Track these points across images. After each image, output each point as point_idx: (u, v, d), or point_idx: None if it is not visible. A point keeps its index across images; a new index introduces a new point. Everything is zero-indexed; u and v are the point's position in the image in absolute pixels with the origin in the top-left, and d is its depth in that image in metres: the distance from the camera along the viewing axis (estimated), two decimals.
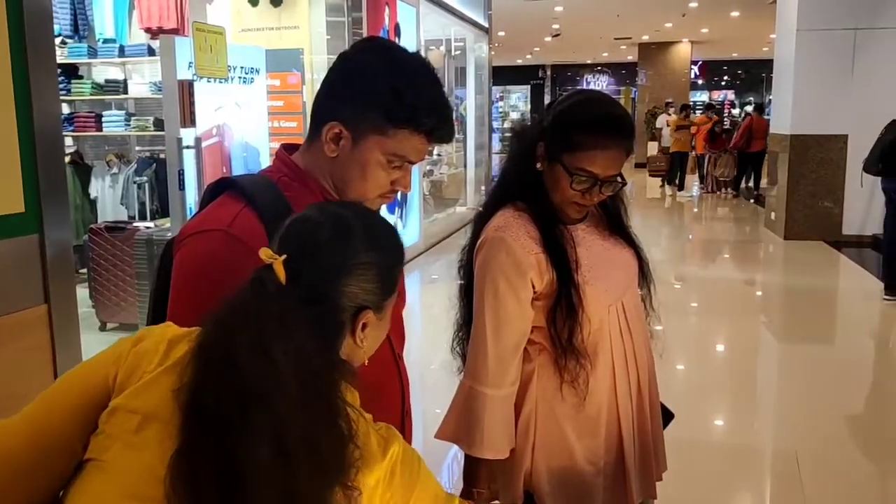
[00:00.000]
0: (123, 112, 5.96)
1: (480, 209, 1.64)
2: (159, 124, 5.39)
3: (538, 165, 1.53)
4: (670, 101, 15.40)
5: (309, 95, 6.02)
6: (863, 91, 8.21)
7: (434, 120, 1.18)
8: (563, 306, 1.50)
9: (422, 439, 2.34)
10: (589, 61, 27.73)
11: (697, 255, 9.18)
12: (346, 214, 0.98)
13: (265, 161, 5.18)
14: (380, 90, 1.16)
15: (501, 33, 15.99)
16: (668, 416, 1.78)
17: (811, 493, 3.05)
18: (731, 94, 29.95)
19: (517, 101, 26.03)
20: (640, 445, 1.61)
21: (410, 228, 7.72)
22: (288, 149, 1.28)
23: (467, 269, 1.61)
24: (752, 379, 4.86)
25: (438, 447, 3.04)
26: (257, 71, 5.30)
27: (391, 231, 1.04)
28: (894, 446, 3.68)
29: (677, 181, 13.63)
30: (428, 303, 6.12)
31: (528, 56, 24.82)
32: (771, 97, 10.56)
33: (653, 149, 16.03)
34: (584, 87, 27.41)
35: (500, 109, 24.08)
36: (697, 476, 3.20)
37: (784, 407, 4.31)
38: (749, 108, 22.33)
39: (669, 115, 14.85)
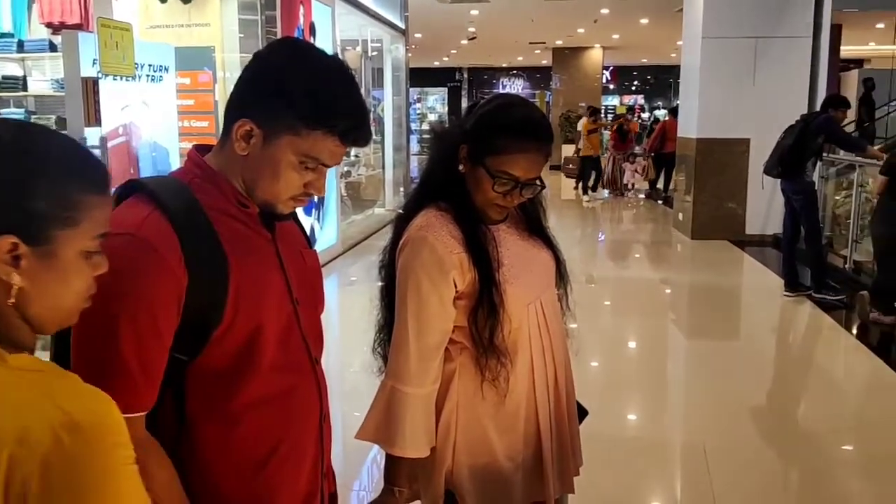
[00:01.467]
0: (23, 110, 5.66)
1: (402, 210, 1.64)
2: (62, 123, 5.15)
3: (460, 167, 1.54)
4: (590, 105, 15.70)
5: (221, 94, 5.88)
6: (763, 96, 8.61)
7: (349, 122, 1.16)
8: (484, 305, 1.52)
9: (342, 442, 2.33)
10: (505, 65, 28.10)
11: (609, 255, 9.43)
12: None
13: (175, 161, 5.03)
14: (294, 90, 1.13)
15: (418, 35, 16.02)
16: (582, 412, 1.82)
17: (718, 483, 3.17)
18: (640, 99, 30.95)
19: (435, 103, 26.11)
20: (558, 441, 1.64)
21: (328, 230, 7.64)
22: (200, 149, 1.24)
23: (388, 270, 1.61)
24: (662, 374, 5.02)
25: (359, 449, 3.03)
26: (166, 69, 5.14)
27: (57, 142, 0.91)
28: (796, 436, 3.87)
29: (590, 185, 13.89)
30: (347, 306, 6.06)
31: (446, 58, 24.96)
32: (678, 102, 10.95)
33: (568, 151, 16.36)
34: (501, 89, 27.81)
35: (418, 111, 24.10)
36: (612, 470, 3.28)
37: (692, 401, 4.47)
38: (658, 113, 23.10)
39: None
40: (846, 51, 14.18)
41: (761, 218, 8.78)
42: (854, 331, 5.53)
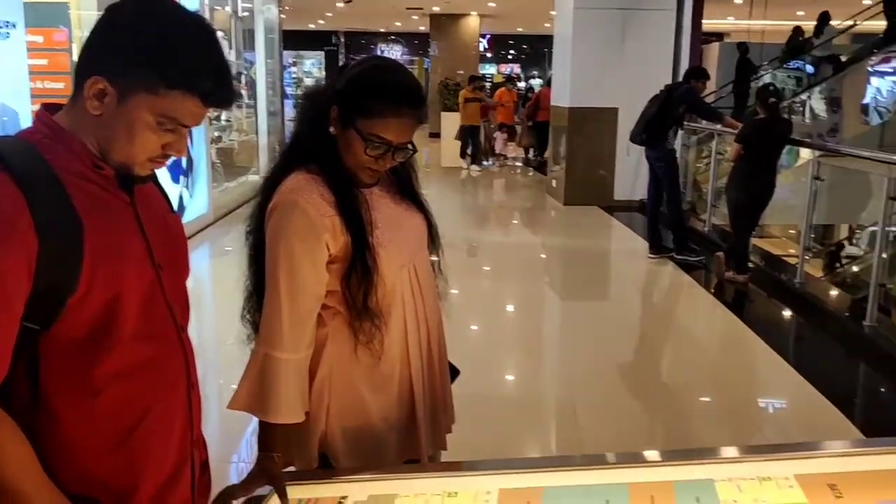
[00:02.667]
0: None
1: (269, 173, 1.60)
2: None
3: (331, 129, 1.52)
4: (474, 75, 15.62)
5: (78, 54, 5.50)
6: (631, 67, 8.94)
7: (210, 82, 1.12)
8: (358, 269, 1.51)
9: (217, 414, 2.27)
10: (382, 30, 27.78)
11: (486, 221, 9.62)
12: None
13: (26, 125, 4.68)
14: (150, 46, 1.08)
15: None
16: (454, 372, 1.86)
17: (587, 437, 3.34)
18: (517, 68, 31.44)
19: (311, 68, 25.53)
20: (430, 400, 1.68)
21: (198, 199, 7.35)
22: (50, 109, 1.17)
23: (256, 235, 1.57)
24: (536, 335, 5.20)
25: (237, 421, 2.96)
26: (13, 25, 4.76)
27: None
28: (660, 390, 4.12)
29: (469, 153, 13.99)
30: (220, 276, 5.89)
31: (321, 21, 24.36)
32: (552, 72, 11.20)
33: (448, 119, 16.40)
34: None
35: (294, 75, 23.50)
36: (486, 427, 3.38)
37: (564, 359, 4.66)
38: (534, 82, 23.54)
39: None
40: (707, 24, 14.91)
41: (629, 184, 9.18)
42: (711, 289, 5.92)
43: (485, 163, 14.03)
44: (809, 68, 12.16)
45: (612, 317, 5.48)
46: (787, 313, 5.40)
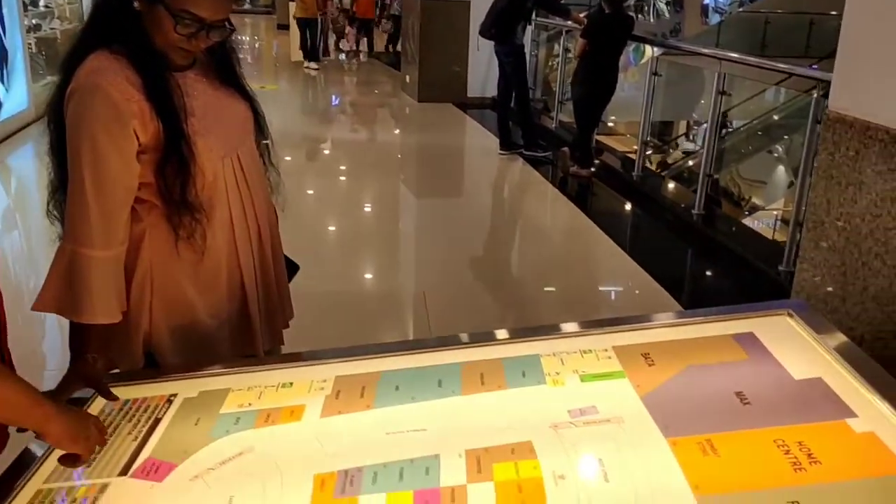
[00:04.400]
0: None
1: (66, 54, 1.43)
2: None
3: (135, 4, 1.37)
4: None
5: None
6: None
7: None
8: (173, 159, 1.41)
9: (21, 317, 2.12)
10: None
11: (338, 119, 9.38)
12: None
13: None
14: None
15: None
16: (293, 267, 1.82)
17: (438, 329, 3.42)
18: None
19: None
20: (265, 296, 1.63)
21: (16, 93, 6.66)
22: None
23: (56, 123, 1.42)
24: (389, 232, 5.21)
25: (38, 323, 2.78)
26: None
27: None
28: (508, 280, 4.27)
29: (307, 48, 13.24)
30: (45, 177, 5.43)
31: None
32: None
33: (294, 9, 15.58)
34: None
35: None
36: (335, 322, 3.39)
37: (416, 254, 4.72)
38: None
39: None
40: None
41: (481, 81, 9.18)
42: (557, 184, 6.12)
43: (324, 58, 13.40)
44: None
45: (464, 212, 5.57)
46: (626, 205, 5.68)
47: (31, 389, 1.08)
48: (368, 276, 4.31)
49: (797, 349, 1.35)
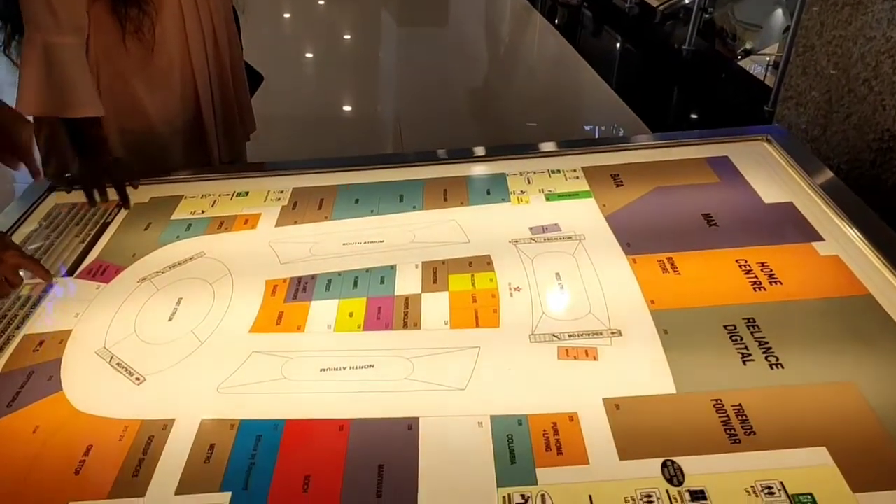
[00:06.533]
0: None
1: None
2: None
3: None
4: None
5: None
6: None
7: None
8: None
9: None
10: None
11: None
12: None
13: None
14: None
15: None
16: (256, 78, 1.71)
17: (408, 142, 3.34)
18: None
19: None
20: (222, 104, 1.54)
21: None
22: None
23: None
24: (371, 58, 5.00)
25: None
26: None
27: None
28: (487, 111, 4.14)
29: None
30: None
31: None
32: None
33: None
34: None
35: None
36: (302, 141, 3.31)
37: (395, 81, 4.55)
38: None
39: None
40: None
41: None
42: (546, 13, 5.83)
43: None
44: None
45: (447, 41, 5.34)
46: (615, 39, 5.45)
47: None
48: (342, 99, 4.17)
49: (771, 174, 1.31)
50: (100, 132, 1.37)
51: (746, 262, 1.08)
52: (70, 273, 1.20)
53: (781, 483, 0.76)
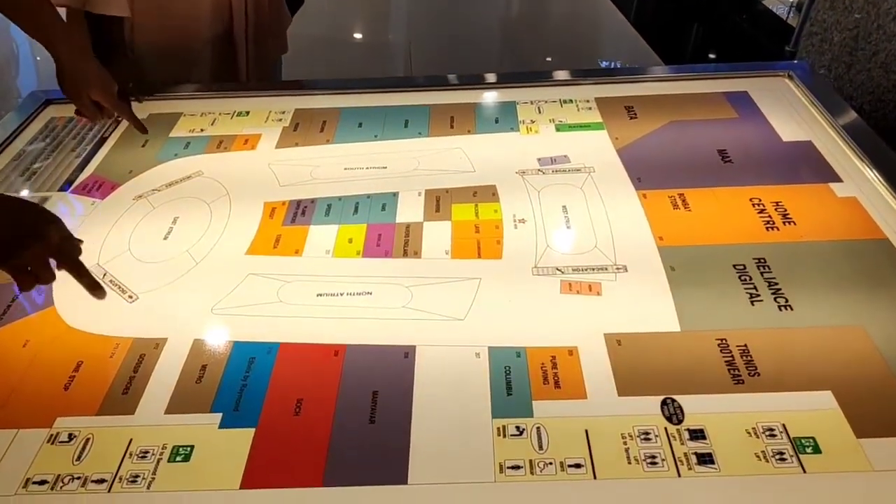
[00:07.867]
0: None
1: None
2: None
3: None
4: None
5: None
6: None
7: None
8: None
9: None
10: None
11: None
12: None
13: None
14: None
15: None
16: (297, 1, 1.65)
17: (418, 69, 3.27)
18: None
19: None
20: (255, 19, 1.48)
21: None
22: None
23: None
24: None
25: None
26: None
27: None
28: (501, 41, 4.04)
29: None
30: None
31: None
32: None
33: None
34: None
35: None
36: (319, 65, 3.24)
37: (409, 6, 4.43)
38: None
39: None
40: None
41: None
42: None
43: None
44: None
45: None
46: None
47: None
48: (352, 24, 4.06)
49: (791, 111, 1.26)
50: (121, 35, 1.33)
51: (760, 200, 1.05)
52: (64, 188, 1.17)
53: (784, 426, 0.74)
